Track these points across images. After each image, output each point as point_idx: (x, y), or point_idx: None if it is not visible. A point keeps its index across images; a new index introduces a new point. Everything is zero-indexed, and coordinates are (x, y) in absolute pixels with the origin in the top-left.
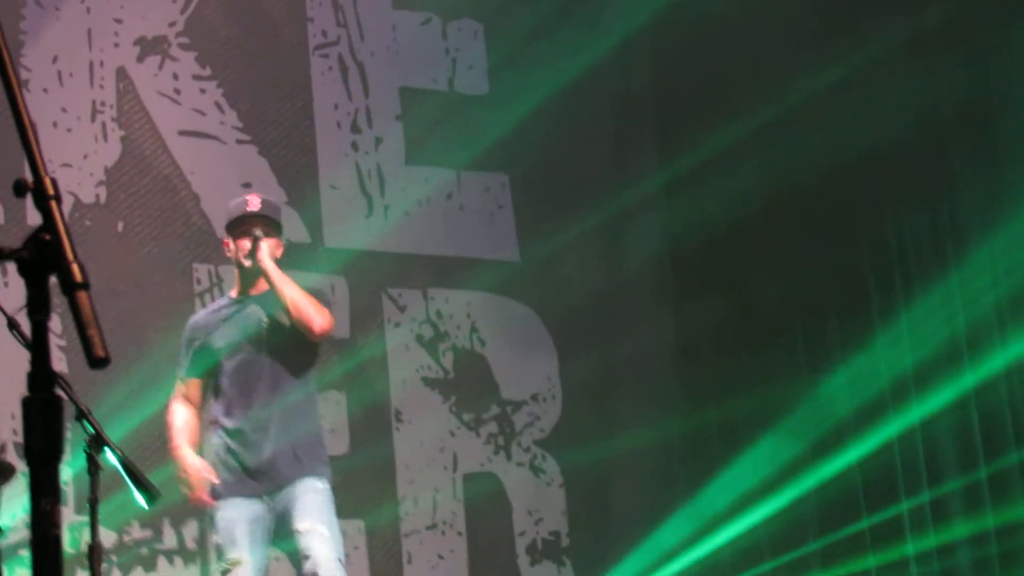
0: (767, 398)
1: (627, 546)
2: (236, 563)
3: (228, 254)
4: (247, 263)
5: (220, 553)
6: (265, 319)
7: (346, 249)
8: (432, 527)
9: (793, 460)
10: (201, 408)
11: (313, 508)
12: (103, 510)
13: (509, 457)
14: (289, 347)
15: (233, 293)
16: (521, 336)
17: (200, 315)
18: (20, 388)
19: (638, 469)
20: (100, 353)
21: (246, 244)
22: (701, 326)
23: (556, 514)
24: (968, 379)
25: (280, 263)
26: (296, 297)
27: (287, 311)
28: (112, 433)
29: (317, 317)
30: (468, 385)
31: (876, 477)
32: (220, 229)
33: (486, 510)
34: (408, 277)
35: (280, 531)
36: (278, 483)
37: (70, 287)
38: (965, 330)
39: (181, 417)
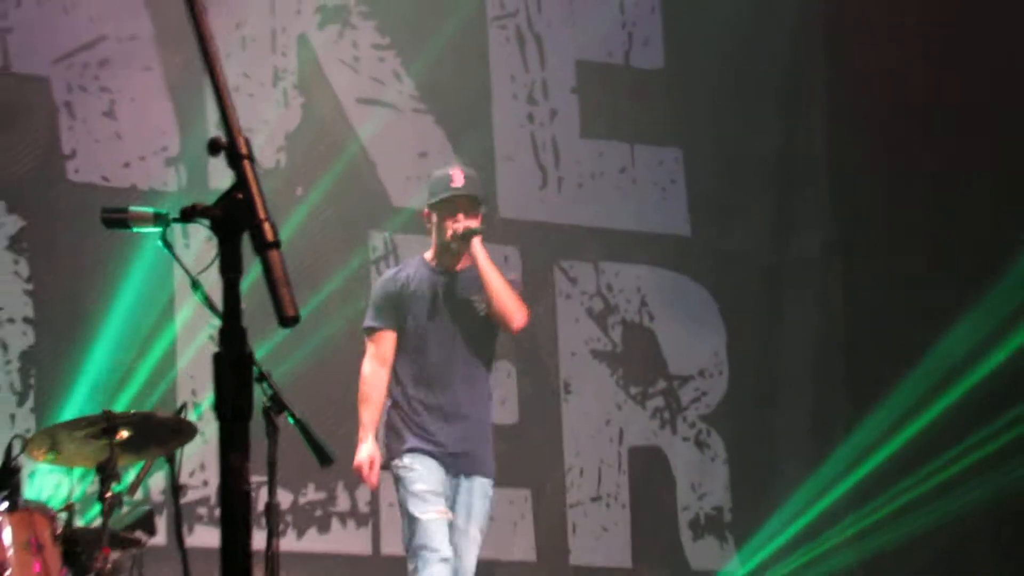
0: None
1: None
2: (444, 514)
3: (428, 225)
4: (455, 245)
5: (417, 502)
6: (467, 300)
7: (520, 220)
8: (597, 499)
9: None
10: (392, 367)
11: (480, 515)
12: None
13: (675, 431)
14: (483, 332)
15: (430, 259)
16: (690, 311)
17: (399, 269)
18: (201, 350)
19: (801, 447)
20: (290, 312)
21: (456, 226)
22: (869, 308)
23: (719, 489)
24: None
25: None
26: (501, 290)
27: (491, 300)
28: (289, 392)
29: (517, 313)
30: (636, 359)
31: None
32: (396, 197)
33: (650, 484)
34: (580, 250)
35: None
36: (463, 469)
37: (262, 245)
38: None
39: (370, 384)
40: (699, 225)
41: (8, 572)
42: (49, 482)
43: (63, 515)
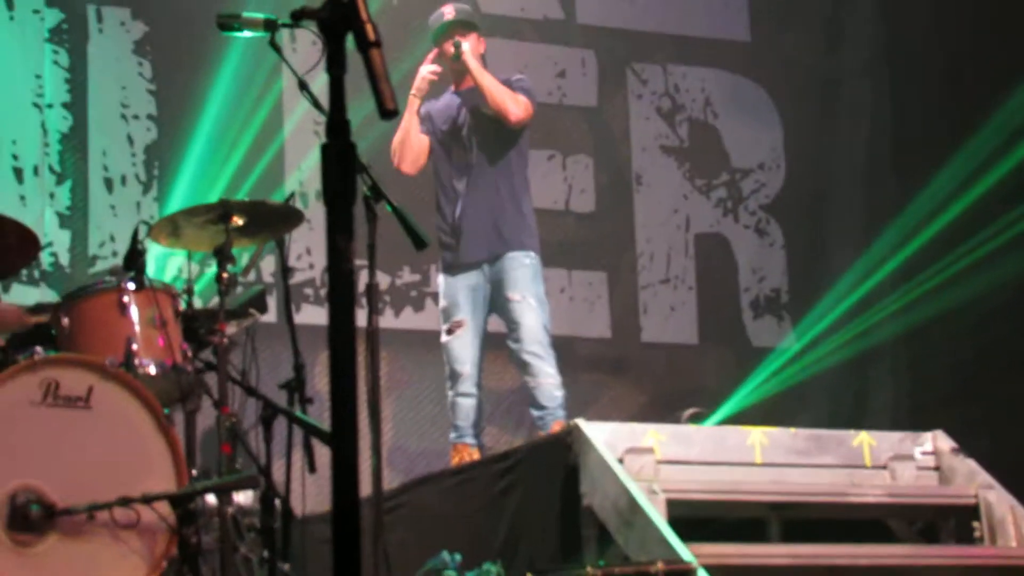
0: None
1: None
2: (459, 324)
3: (440, 61)
4: (454, 65)
5: (444, 316)
6: (473, 106)
7: (595, 26)
8: (665, 281)
9: None
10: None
11: (522, 280)
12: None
13: (736, 220)
14: (493, 131)
15: (452, 88)
16: (750, 110)
17: (433, 103)
18: (308, 143)
19: (852, 234)
20: (391, 105)
21: (450, 48)
22: (917, 113)
23: (777, 273)
24: None
25: (537, 33)
26: (493, 88)
27: (486, 99)
28: (388, 182)
29: (513, 107)
30: (701, 153)
31: None
32: (485, 3)
33: (714, 267)
34: (650, 53)
35: (496, 299)
36: (492, 254)
37: (365, 44)
38: None
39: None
40: (758, 31)
41: (135, 345)
42: (172, 264)
43: (184, 295)
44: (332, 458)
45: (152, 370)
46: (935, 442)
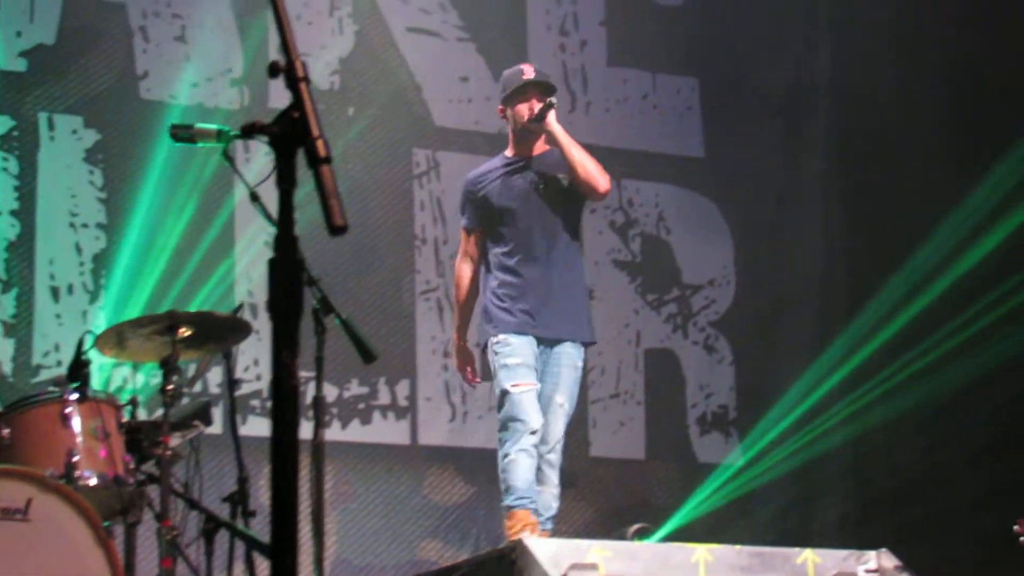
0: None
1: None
2: (531, 386)
3: (505, 120)
4: (532, 126)
5: (507, 375)
6: (551, 176)
7: None
8: (615, 396)
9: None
10: (482, 256)
11: (570, 384)
12: (326, 368)
13: (686, 336)
14: (568, 206)
15: (509, 152)
16: (702, 226)
17: (478, 171)
18: (255, 255)
19: (801, 350)
20: (339, 221)
21: (528, 108)
22: (870, 231)
23: (725, 390)
24: None
25: (491, 147)
26: (583, 157)
27: (575, 171)
28: (337, 296)
29: (601, 177)
30: (653, 268)
31: None
32: (439, 117)
33: (663, 383)
34: (604, 168)
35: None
36: (555, 335)
37: (315, 160)
38: None
39: (464, 280)
40: (711, 147)
41: (76, 457)
42: (116, 375)
43: (129, 406)
44: (271, 573)
45: (93, 482)
46: (879, 560)
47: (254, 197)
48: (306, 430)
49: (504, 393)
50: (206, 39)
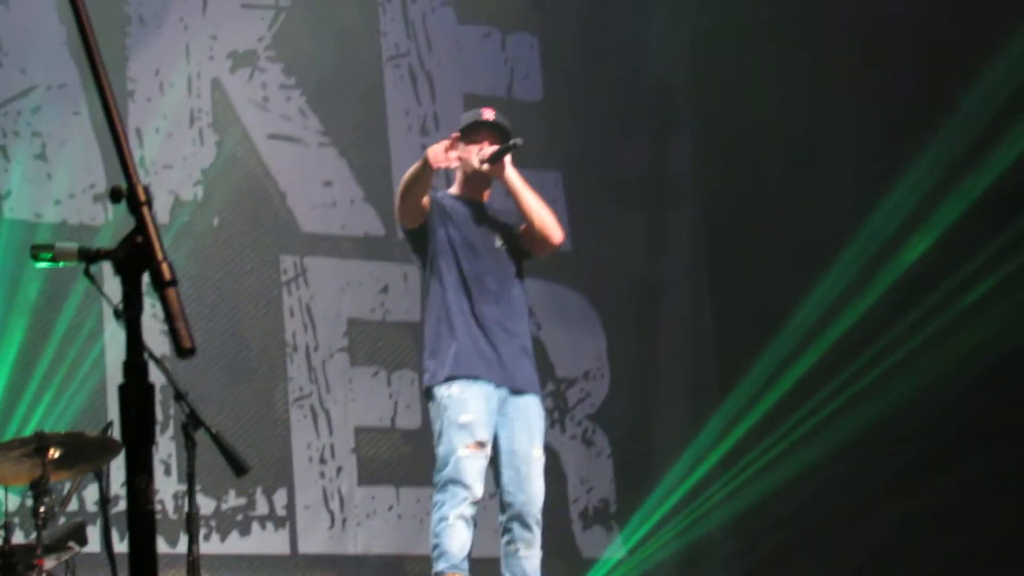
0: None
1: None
2: (482, 446)
3: (457, 158)
4: (484, 168)
5: (460, 428)
6: (501, 223)
7: None
8: (493, 495)
9: None
10: (436, 279)
11: (540, 433)
12: (203, 480)
13: (563, 430)
14: (514, 253)
15: (455, 192)
16: (573, 319)
17: (436, 194)
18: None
19: (677, 436)
20: (187, 344)
21: (483, 149)
22: (737, 314)
23: (605, 482)
24: None
25: (357, 250)
26: (540, 207)
27: (531, 219)
28: (210, 407)
29: (556, 229)
30: None
31: None
32: (304, 223)
33: (544, 480)
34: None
35: (503, 442)
36: (517, 384)
37: (160, 284)
38: None
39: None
40: (578, 240)
41: None
42: None
43: (1, 530)
44: None
45: None
46: None
47: (118, 315)
48: (183, 545)
49: (451, 451)
50: (67, 155)
